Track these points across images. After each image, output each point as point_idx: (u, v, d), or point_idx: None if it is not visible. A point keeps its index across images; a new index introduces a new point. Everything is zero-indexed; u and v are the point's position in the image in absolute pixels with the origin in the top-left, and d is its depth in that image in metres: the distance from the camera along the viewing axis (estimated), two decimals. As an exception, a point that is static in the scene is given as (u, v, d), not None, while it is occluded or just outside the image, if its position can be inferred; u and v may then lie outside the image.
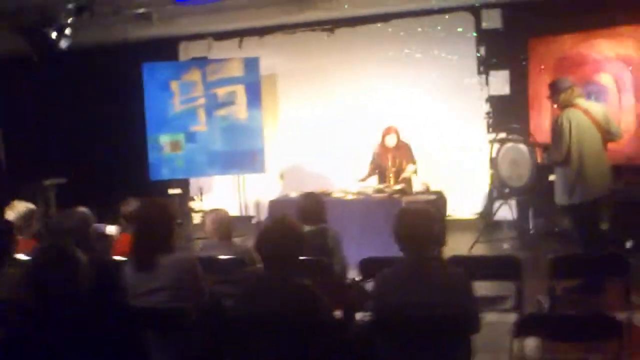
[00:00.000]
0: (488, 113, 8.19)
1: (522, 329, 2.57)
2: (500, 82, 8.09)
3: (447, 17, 8.17)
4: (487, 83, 8.15)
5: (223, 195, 8.99)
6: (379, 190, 6.73)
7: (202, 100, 8.13)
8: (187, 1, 7.62)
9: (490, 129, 8.16)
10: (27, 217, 4.33)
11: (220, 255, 3.87)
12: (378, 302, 2.88)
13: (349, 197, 6.74)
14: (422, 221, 2.80)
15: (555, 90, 5.08)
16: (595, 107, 5.06)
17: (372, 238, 6.21)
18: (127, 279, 3.04)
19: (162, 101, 8.09)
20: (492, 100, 8.15)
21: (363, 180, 7.05)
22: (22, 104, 9.10)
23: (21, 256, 3.60)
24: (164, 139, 8.14)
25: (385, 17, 8.36)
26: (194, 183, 9.27)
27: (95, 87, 8.77)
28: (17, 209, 4.37)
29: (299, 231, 2.90)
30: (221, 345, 2.89)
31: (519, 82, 7.90)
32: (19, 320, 2.95)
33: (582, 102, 5.01)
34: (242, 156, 8.16)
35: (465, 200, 8.12)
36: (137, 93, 8.22)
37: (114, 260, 3.66)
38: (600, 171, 4.96)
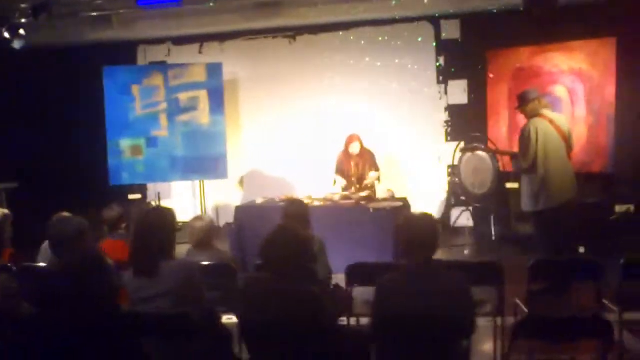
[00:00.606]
0: (447, 122, 8.41)
1: (521, 331, 2.68)
2: (458, 92, 8.32)
3: (407, 27, 8.35)
4: (446, 92, 8.36)
5: (181, 201, 8.90)
6: (345, 197, 6.80)
7: (163, 105, 8.04)
8: (149, 4, 7.50)
9: (449, 137, 8.39)
10: (2, 222, 4.20)
11: (206, 261, 3.85)
12: (380, 307, 2.93)
13: (316, 203, 6.77)
14: (427, 227, 2.88)
15: (523, 100, 5.28)
16: (561, 118, 5.30)
17: (341, 244, 6.26)
18: (127, 286, 3.00)
19: (122, 105, 7.95)
20: (451, 109, 8.37)
21: (343, 188, 7.08)
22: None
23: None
24: (125, 144, 8.00)
25: (347, 26, 8.48)
26: (152, 188, 9.15)
27: (52, 89, 8.54)
28: None
29: (303, 238, 2.93)
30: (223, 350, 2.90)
31: (477, 91, 8.14)
32: (12, 331, 2.88)
33: (548, 112, 5.24)
34: (204, 162, 8.11)
35: (424, 207, 8.28)
36: (95, 96, 8.05)
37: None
38: (564, 179, 5.19)
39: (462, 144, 7.72)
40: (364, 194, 6.84)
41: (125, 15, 8.08)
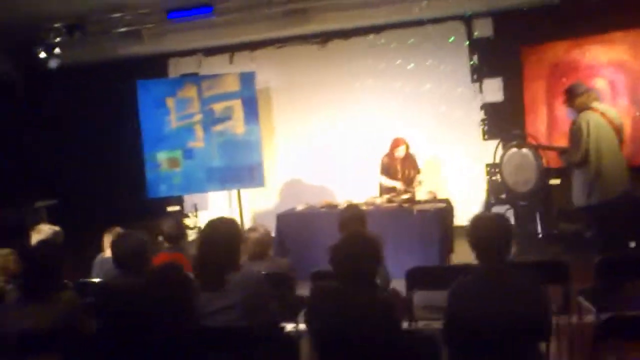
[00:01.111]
0: (483, 120, 8.29)
1: (608, 330, 2.58)
2: (494, 90, 8.20)
3: (438, 27, 8.25)
4: (481, 91, 8.25)
5: (218, 211, 8.88)
6: (388, 200, 6.74)
7: (198, 116, 8.04)
8: (179, 16, 7.53)
9: (486, 136, 8.27)
10: (54, 239, 4.20)
11: (263, 271, 3.80)
12: (453, 311, 2.85)
13: (358, 208, 6.70)
14: (501, 228, 2.80)
15: (571, 95, 5.19)
16: (611, 110, 5.18)
17: (386, 248, 6.20)
18: (196, 300, 2.95)
19: (158, 118, 7.96)
20: (487, 107, 8.25)
21: (387, 191, 7.03)
22: (13, 125, 8.85)
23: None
24: (161, 156, 8.01)
25: (376, 29, 8.42)
26: (188, 200, 9.15)
27: (87, 106, 8.62)
28: (43, 232, 4.23)
29: (375, 243, 2.87)
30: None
31: (513, 88, 8.02)
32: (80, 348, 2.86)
33: (598, 105, 5.13)
34: (240, 171, 8.09)
35: (464, 207, 8.18)
36: (130, 110, 8.09)
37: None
38: (617, 172, 5.08)
39: (501, 142, 7.59)
40: (405, 196, 6.77)
41: (154, 29, 8.13)
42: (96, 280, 4.02)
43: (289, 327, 3.71)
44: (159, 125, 7.98)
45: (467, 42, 8.24)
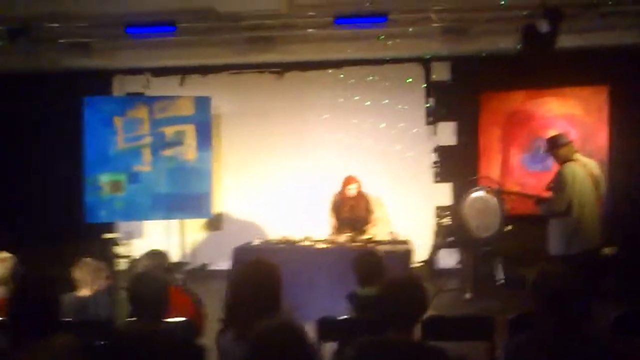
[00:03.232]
0: (435, 162, 8.34)
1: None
2: (448, 133, 8.29)
3: (397, 67, 8.28)
4: (435, 133, 8.32)
5: (155, 241, 8.35)
6: (351, 239, 6.55)
7: (148, 139, 7.57)
8: (138, 32, 7.09)
9: (438, 178, 8.32)
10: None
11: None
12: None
13: (320, 245, 6.48)
14: (572, 280, 2.64)
15: (554, 145, 5.27)
16: (591, 163, 5.29)
17: (346, 288, 6.00)
18: (225, 349, 2.61)
19: (103, 138, 7.42)
20: (440, 150, 8.32)
21: (336, 229, 6.85)
22: None
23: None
24: (104, 179, 7.44)
25: (336, 64, 8.35)
26: (123, 227, 8.54)
27: (25, 117, 7.91)
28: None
29: (424, 288, 2.67)
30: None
31: (468, 133, 8.14)
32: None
33: (580, 157, 5.23)
34: (188, 200, 7.67)
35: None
36: (70, 127, 7.50)
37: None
38: (596, 224, 5.16)
39: (457, 185, 7.66)
40: (368, 236, 6.63)
41: (104, 43, 7.63)
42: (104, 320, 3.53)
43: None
44: (104, 146, 7.43)
45: (425, 85, 8.32)
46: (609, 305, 3.74)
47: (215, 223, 8.48)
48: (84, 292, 3.74)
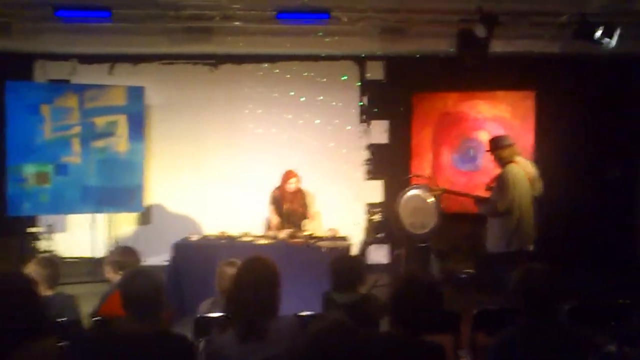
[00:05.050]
0: (368, 160, 8.47)
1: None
2: (380, 131, 8.44)
3: (333, 64, 8.34)
4: (368, 131, 8.44)
5: (78, 234, 8.00)
6: (291, 236, 6.55)
7: (77, 129, 7.22)
8: (69, 15, 6.72)
9: (370, 175, 8.46)
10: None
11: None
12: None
13: (261, 241, 6.44)
14: (552, 279, 2.80)
15: (496, 146, 5.48)
16: (529, 165, 5.55)
17: (289, 286, 5.99)
18: (229, 352, 2.55)
19: (29, 126, 7.00)
20: (372, 148, 8.46)
21: (276, 226, 6.82)
22: None
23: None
24: (29, 170, 7.03)
25: (272, 58, 8.29)
26: (43, 219, 8.10)
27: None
28: None
29: (438, 290, 2.73)
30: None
31: (399, 132, 8.32)
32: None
33: (520, 159, 5.47)
34: (119, 193, 7.40)
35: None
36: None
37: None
38: (532, 224, 5.43)
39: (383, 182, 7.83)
40: (308, 232, 6.66)
41: (27, 25, 7.18)
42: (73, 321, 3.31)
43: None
44: (30, 135, 7.02)
45: (359, 83, 8.42)
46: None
47: (144, 217, 8.21)
48: (46, 292, 3.52)
